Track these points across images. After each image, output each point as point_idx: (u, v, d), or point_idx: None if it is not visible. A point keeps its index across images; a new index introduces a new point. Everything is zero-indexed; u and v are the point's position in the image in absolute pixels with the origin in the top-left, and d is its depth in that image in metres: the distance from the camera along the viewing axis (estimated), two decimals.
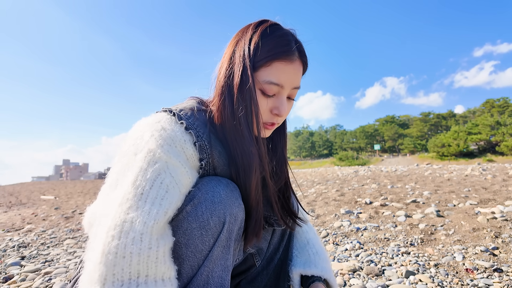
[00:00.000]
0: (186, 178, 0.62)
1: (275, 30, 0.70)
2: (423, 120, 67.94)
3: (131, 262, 0.48)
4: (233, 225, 0.64)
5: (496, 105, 55.30)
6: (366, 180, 6.53)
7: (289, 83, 0.70)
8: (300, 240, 0.91)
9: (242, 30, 0.73)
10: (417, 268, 1.50)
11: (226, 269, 0.64)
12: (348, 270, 1.53)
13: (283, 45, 0.68)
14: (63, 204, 6.12)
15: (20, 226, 3.61)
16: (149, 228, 0.51)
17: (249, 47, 0.68)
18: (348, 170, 11.49)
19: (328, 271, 0.85)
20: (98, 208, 0.59)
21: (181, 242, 0.59)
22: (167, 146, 0.60)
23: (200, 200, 0.61)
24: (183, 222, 0.60)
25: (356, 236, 2.22)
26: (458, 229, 2.16)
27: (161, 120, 0.65)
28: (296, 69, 0.70)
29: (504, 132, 41.70)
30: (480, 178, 5.74)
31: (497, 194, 3.63)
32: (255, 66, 0.68)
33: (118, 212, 0.52)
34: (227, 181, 0.66)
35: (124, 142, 0.65)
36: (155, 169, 0.57)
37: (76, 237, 2.82)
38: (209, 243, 0.61)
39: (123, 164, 0.60)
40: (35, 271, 1.77)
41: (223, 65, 0.72)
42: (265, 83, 0.68)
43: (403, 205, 3.24)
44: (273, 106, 0.71)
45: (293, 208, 0.87)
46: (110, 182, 0.60)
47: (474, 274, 1.39)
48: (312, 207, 3.62)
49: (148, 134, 0.62)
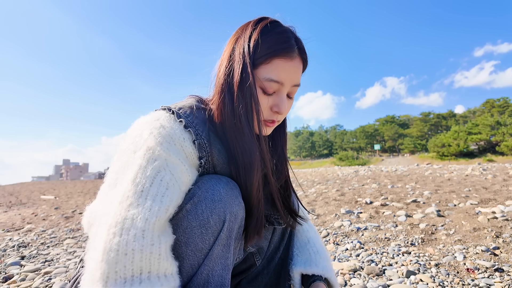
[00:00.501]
0: (186, 176, 0.62)
1: (275, 27, 0.70)
2: (423, 120, 67.89)
3: (133, 259, 0.48)
4: (234, 223, 0.64)
5: (496, 105, 55.25)
6: (366, 180, 6.52)
7: (289, 81, 0.69)
8: (300, 239, 0.91)
9: (242, 28, 0.72)
10: (418, 268, 1.50)
11: (226, 268, 0.63)
12: (349, 270, 1.52)
13: (283, 42, 0.67)
14: (63, 204, 6.12)
15: (20, 226, 3.61)
16: (150, 224, 0.51)
17: (248, 44, 0.67)
18: (348, 170, 11.48)
19: (329, 270, 0.84)
20: (97, 207, 0.58)
21: (181, 240, 0.58)
22: (166, 143, 0.60)
23: (200, 199, 0.61)
24: (183, 221, 0.59)
25: (357, 236, 2.21)
26: (458, 229, 2.15)
27: (160, 118, 0.64)
28: (296, 66, 0.69)
29: (504, 132, 41.67)
30: (481, 178, 5.73)
31: (498, 194, 3.63)
32: (255, 63, 0.67)
33: (119, 210, 0.51)
34: (227, 179, 0.66)
35: (123, 140, 0.65)
36: (155, 166, 0.57)
37: (76, 237, 2.82)
38: (209, 242, 0.60)
39: (122, 163, 0.60)
40: (35, 270, 1.76)
41: (222, 63, 0.71)
42: (265, 81, 0.67)
43: (403, 205, 3.24)
44: (273, 103, 0.70)
45: (294, 207, 0.87)
46: (110, 181, 0.60)
47: (475, 274, 1.38)
48: (312, 207, 3.62)
49: (147, 132, 0.61)
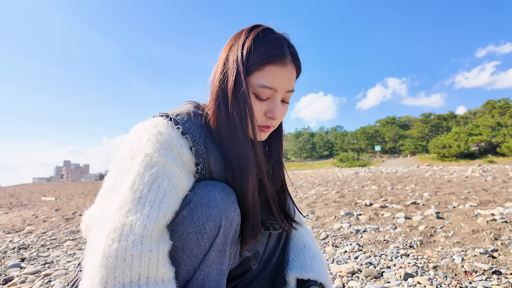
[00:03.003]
0: (183, 182, 0.63)
1: (268, 34, 0.71)
2: (423, 121, 67.91)
3: (132, 264, 0.49)
4: (229, 229, 0.65)
5: (497, 106, 55.28)
6: (366, 182, 6.52)
7: (282, 87, 0.70)
8: (296, 244, 0.92)
9: (236, 36, 0.74)
10: (415, 271, 1.50)
11: (221, 273, 0.64)
12: (347, 272, 1.53)
13: (276, 49, 0.69)
14: (64, 206, 6.13)
15: (21, 227, 3.62)
16: (149, 231, 0.52)
17: (242, 52, 0.69)
18: (348, 171, 11.47)
19: (325, 275, 0.85)
20: (96, 212, 0.59)
21: (177, 246, 0.59)
22: (164, 150, 0.61)
23: (196, 205, 0.62)
24: (179, 227, 0.60)
25: (356, 238, 2.22)
26: (457, 231, 2.15)
27: (157, 124, 0.65)
28: (289, 72, 0.71)
29: (505, 133, 41.63)
30: (480, 179, 5.72)
31: (497, 195, 3.63)
32: (248, 70, 0.69)
33: (117, 216, 0.52)
34: (223, 185, 0.67)
35: (121, 146, 0.66)
36: (153, 173, 0.58)
37: (76, 239, 2.83)
38: (204, 247, 0.61)
39: (120, 169, 0.61)
40: (35, 273, 1.77)
41: (217, 70, 0.73)
42: (258, 87, 0.68)
43: (403, 207, 3.24)
44: (267, 109, 0.72)
45: (289, 211, 0.87)
46: (108, 187, 0.60)
47: (473, 277, 1.39)
48: (312, 209, 3.62)
49: (145, 138, 0.62)
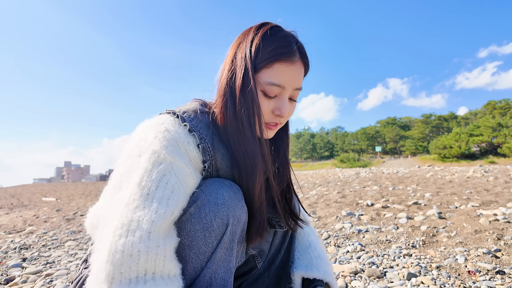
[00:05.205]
0: (191, 179, 0.62)
1: (276, 32, 0.71)
2: (424, 122, 67.84)
3: (138, 260, 0.48)
4: (236, 227, 0.64)
5: (498, 107, 55.19)
6: (367, 182, 6.51)
7: (290, 84, 0.70)
8: (302, 243, 0.91)
9: (244, 33, 0.73)
10: (419, 270, 1.50)
11: (229, 271, 0.64)
12: (350, 272, 1.52)
13: (284, 46, 0.68)
14: (65, 206, 6.13)
15: (22, 228, 3.62)
16: (156, 227, 0.51)
17: (250, 49, 0.69)
18: (349, 172, 11.46)
19: (330, 274, 0.85)
20: (101, 209, 0.59)
21: (184, 243, 0.59)
22: (171, 147, 0.61)
23: (203, 202, 0.62)
24: (187, 224, 0.60)
25: (358, 238, 2.21)
26: (460, 231, 2.15)
27: (164, 122, 0.65)
28: (297, 70, 0.70)
29: (506, 134, 41.56)
30: (482, 180, 5.71)
31: (499, 196, 3.62)
32: (256, 67, 0.68)
33: (125, 212, 0.52)
34: (230, 183, 0.67)
35: (127, 144, 0.65)
36: (160, 170, 0.57)
37: (77, 239, 2.82)
38: (212, 245, 0.61)
39: (127, 166, 0.60)
40: (36, 273, 1.77)
41: (225, 68, 0.72)
42: (266, 84, 0.68)
43: (404, 207, 3.23)
44: (275, 107, 0.71)
45: (295, 210, 0.87)
46: (114, 184, 0.60)
47: (476, 276, 1.38)
48: (313, 209, 3.62)
49: (152, 135, 0.62)
